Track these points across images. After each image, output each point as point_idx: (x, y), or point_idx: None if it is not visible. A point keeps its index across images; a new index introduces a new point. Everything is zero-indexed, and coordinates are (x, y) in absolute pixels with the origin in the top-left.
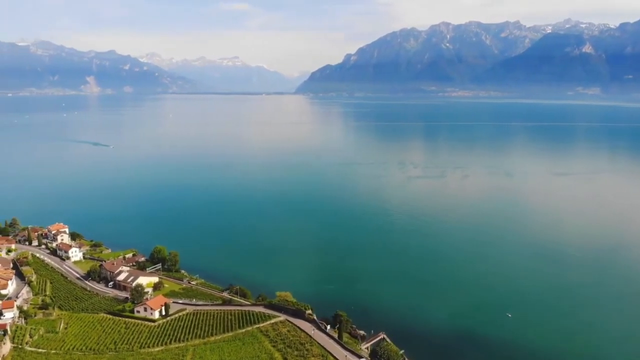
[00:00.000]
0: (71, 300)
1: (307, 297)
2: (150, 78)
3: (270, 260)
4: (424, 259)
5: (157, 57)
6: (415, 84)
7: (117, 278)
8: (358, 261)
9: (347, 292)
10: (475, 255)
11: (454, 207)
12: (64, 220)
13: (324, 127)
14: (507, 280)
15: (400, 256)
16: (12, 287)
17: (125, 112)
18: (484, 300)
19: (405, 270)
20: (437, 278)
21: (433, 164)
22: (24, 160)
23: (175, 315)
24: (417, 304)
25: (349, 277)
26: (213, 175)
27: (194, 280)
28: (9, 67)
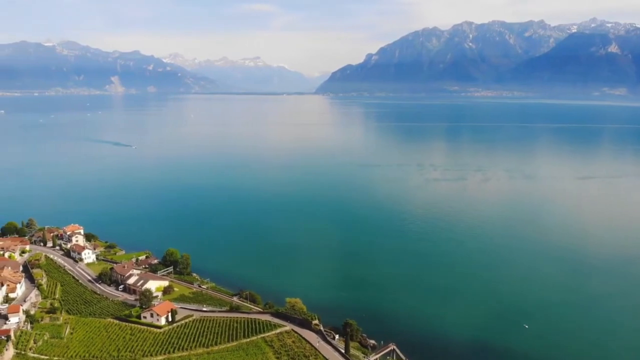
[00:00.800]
0: (80, 303)
1: (318, 304)
2: (174, 78)
3: (283, 264)
4: (440, 266)
5: (180, 58)
6: (437, 84)
7: (127, 281)
8: (372, 267)
9: (359, 299)
10: (493, 262)
11: (472, 212)
12: (80, 221)
13: (342, 128)
14: (525, 289)
15: (416, 262)
16: (20, 290)
17: (148, 112)
18: (500, 310)
19: (420, 276)
20: (453, 286)
21: (453, 166)
22: (45, 160)
23: (182, 321)
24: (431, 313)
25: (362, 283)
26: (230, 177)
27: (205, 284)
28: (35, 66)
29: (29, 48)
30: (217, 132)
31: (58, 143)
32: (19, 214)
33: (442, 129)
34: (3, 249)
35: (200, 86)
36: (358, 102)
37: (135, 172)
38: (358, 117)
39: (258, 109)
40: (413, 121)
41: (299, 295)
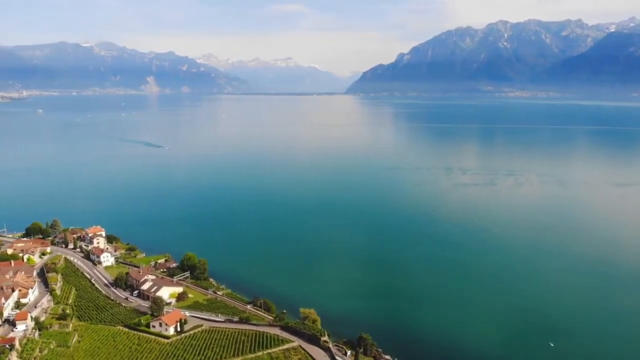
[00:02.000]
0: (92, 310)
1: (334, 314)
2: (207, 79)
3: (301, 271)
4: (465, 277)
5: (214, 59)
6: (470, 83)
7: (141, 287)
8: (394, 276)
9: (377, 311)
10: (521, 274)
11: (501, 219)
12: (104, 222)
13: (371, 129)
14: (553, 303)
15: (439, 272)
16: (33, 295)
17: (182, 112)
18: (526, 326)
19: (443, 288)
20: (478, 299)
21: (482, 170)
22: (76, 159)
23: (191, 331)
24: (452, 328)
25: (382, 293)
26: (255, 179)
27: (220, 290)
28: (73, 67)
29: (67, 48)
30: (246, 133)
31: (91, 143)
32: (45, 214)
33: (474, 131)
34: (23, 250)
35: (233, 87)
36: (389, 102)
37: (164, 173)
38: (387, 118)
39: (288, 109)
40: (444, 122)
41: (314, 304)
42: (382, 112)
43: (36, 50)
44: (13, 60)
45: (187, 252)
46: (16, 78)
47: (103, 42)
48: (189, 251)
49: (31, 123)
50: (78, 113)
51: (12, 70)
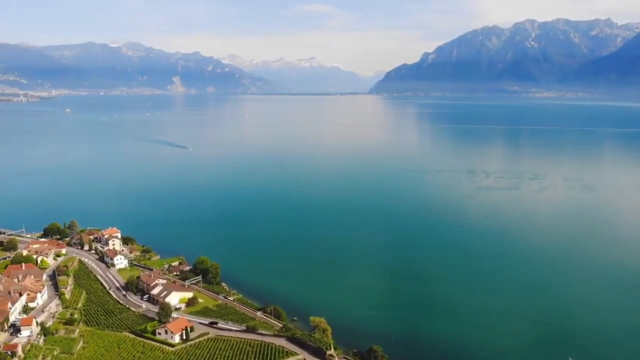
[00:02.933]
0: (101, 314)
1: (345, 323)
2: (232, 79)
3: (314, 277)
4: (483, 286)
5: (239, 59)
6: (496, 83)
7: (151, 291)
8: (409, 284)
9: (390, 320)
10: (543, 283)
11: (523, 226)
12: (121, 223)
13: (393, 129)
14: (575, 317)
15: (457, 281)
16: (41, 299)
17: (206, 112)
18: (544, 340)
19: (460, 298)
20: (497, 308)
21: (507, 173)
22: (98, 159)
23: (196, 340)
24: (467, 340)
25: (395, 302)
26: (273, 181)
27: (232, 295)
28: (101, 67)
29: (95, 49)
30: (268, 134)
31: (115, 143)
32: (64, 214)
33: (499, 132)
34: (38, 252)
35: (257, 87)
36: (412, 102)
37: (185, 174)
38: (410, 118)
39: (310, 109)
40: (469, 123)
41: (326, 311)
42: (405, 113)
43: (65, 51)
44: (43, 60)
45: (200, 256)
46: (46, 77)
47: (130, 43)
48: (204, 254)
49: (58, 122)
50: (105, 112)
51: (41, 70)
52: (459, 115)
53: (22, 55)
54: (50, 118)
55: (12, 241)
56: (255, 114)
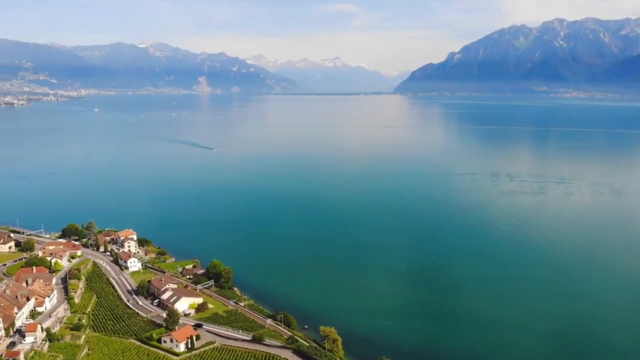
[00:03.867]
0: (109, 319)
1: (356, 334)
2: (256, 79)
3: (328, 284)
4: (504, 295)
5: (263, 59)
6: (524, 83)
7: (162, 296)
8: (426, 293)
9: (404, 331)
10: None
11: (548, 232)
12: (139, 225)
13: (417, 130)
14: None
15: (477, 290)
16: (50, 303)
17: (230, 112)
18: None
19: (479, 308)
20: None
21: (531, 177)
22: (121, 159)
23: (201, 349)
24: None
25: (411, 312)
26: (292, 183)
27: (243, 300)
28: (129, 67)
29: (124, 49)
30: (290, 135)
31: (140, 143)
32: (83, 214)
33: (526, 133)
34: (52, 254)
35: (281, 87)
36: (438, 102)
37: (208, 176)
38: (435, 119)
39: (332, 109)
40: (494, 124)
41: (338, 320)
42: (429, 113)
43: (94, 51)
44: (72, 60)
45: (213, 260)
46: (75, 77)
47: (158, 43)
48: (219, 257)
49: (86, 122)
50: (131, 112)
51: (71, 70)
52: (484, 116)
53: (53, 55)
54: (78, 117)
55: (29, 242)
56: (279, 114)
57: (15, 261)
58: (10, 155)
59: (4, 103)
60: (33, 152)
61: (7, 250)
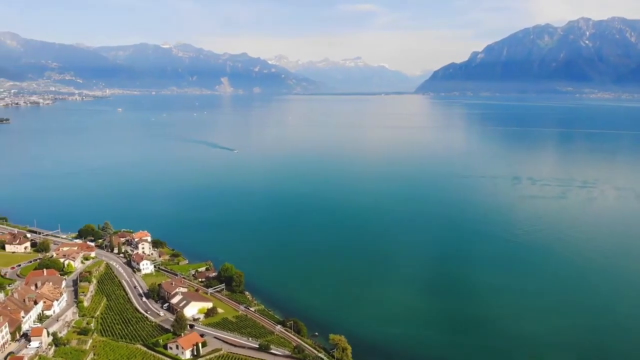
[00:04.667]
0: (117, 323)
1: (367, 342)
2: (277, 79)
3: (341, 289)
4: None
5: (285, 59)
6: (548, 84)
7: (171, 300)
8: (441, 301)
9: (416, 341)
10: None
11: (569, 238)
12: (154, 226)
13: (438, 131)
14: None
15: (494, 300)
16: (58, 307)
17: (250, 112)
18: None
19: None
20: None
21: (555, 180)
22: (141, 160)
23: (207, 356)
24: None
25: (425, 321)
26: (309, 186)
27: (254, 305)
28: (153, 67)
29: (148, 50)
30: (309, 136)
31: (160, 143)
32: (100, 215)
33: (549, 135)
34: (65, 255)
35: (302, 87)
36: (460, 103)
37: (228, 177)
38: (457, 120)
39: (353, 110)
40: (517, 125)
41: (348, 327)
42: (452, 113)
43: (119, 51)
44: (98, 61)
45: (225, 263)
46: (100, 77)
47: (181, 44)
48: (232, 260)
49: (109, 121)
50: (154, 112)
51: (96, 70)
52: (507, 117)
53: (79, 55)
54: (101, 117)
55: (45, 242)
56: (298, 115)
57: (30, 262)
58: (32, 154)
59: (30, 102)
60: (54, 151)
61: (23, 250)
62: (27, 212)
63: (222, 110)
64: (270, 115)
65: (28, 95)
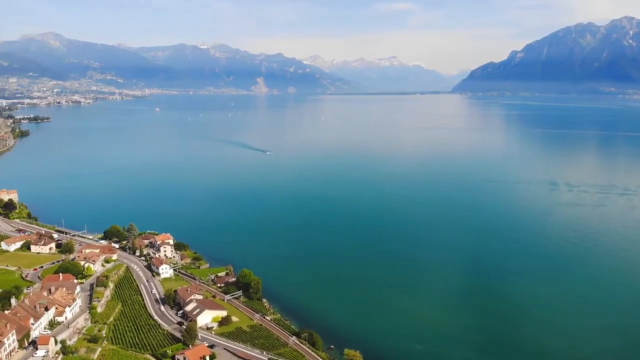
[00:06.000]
0: (129, 331)
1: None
2: (312, 79)
3: (363, 300)
4: (561, 322)
5: (320, 60)
6: (590, 84)
7: (186, 307)
8: (469, 318)
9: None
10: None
11: (611, 250)
12: (179, 229)
13: (474, 133)
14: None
15: (527, 317)
16: (71, 313)
17: (284, 113)
18: None
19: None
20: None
21: (594, 187)
22: (172, 161)
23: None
24: None
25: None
26: (336, 191)
27: (270, 314)
28: (191, 67)
29: (186, 50)
30: (341, 137)
31: (194, 144)
32: (127, 215)
33: (591, 138)
34: (86, 258)
35: (336, 87)
36: (498, 103)
37: (259, 180)
38: (494, 120)
39: (388, 109)
40: (556, 127)
41: (366, 341)
42: (488, 114)
43: (158, 52)
44: (138, 61)
45: (244, 269)
46: (140, 77)
47: (218, 44)
48: (252, 265)
49: (146, 121)
50: (191, 112)
51: (136, 70)
52: (546, 118)
53: (119, 55)
54: (139, 116)
55: (69, 244)
56: (331, 115)
57: (53, 263)
58: (67, 152)
59: (71, 102)
60: (89, 150)
61: (48, 251)
62: (57, 211)
63: (257, 110)
64: (303, 115)
65: (70, 94)
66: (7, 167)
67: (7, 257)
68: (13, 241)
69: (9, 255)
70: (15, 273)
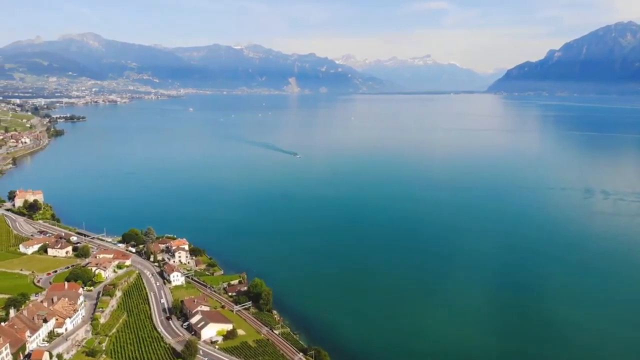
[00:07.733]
0: (130, 344)
1: None
2: (344, 79)
3: (378, 316)
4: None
5: (352, 59)
6: (631, 85)
7: (191, 319)
8: (496, 337)
9: None
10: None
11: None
12: (197, 233)
13: (508, 135)
14: None
15: (563, 338)
16: (72, 324)
17: (315, 113)
18: None
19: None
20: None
21: (632, 195)
22: (198, 163)
23: None
24: None
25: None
26: (368, 198)
27: (278, 328)
28: (225, 68)
29: (220, 50)
30: (370, 139)
31: (224, 145)
32: (147, 219)
33: (631, 142)
34: (98, 264)
35: (368, 86)
36: (535, 103)
37: (286, 184)
38: (530, 122)
39: (419, 109)
40: (595, 130)
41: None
42: (524, 115)
43: (193, 52)
44: (173, 61)
45: (255, 279)
46: (175, 77)
47: (252, 45)
48: (266, 274)
49: (179, 121)
50: (223, 112)
51: (172, 70)
52: (584, 120)
53: (156, 56)
54: (172, 116)
55: (84, 248)
56: (361, 115)
57: (67, 267)
58: (98, 152)
59: (108, 101)
60: (119, 150)
61: (64, 255)
62: (80, 212)
63: (287, 110)
64: (333, 115)
65: (107, 93)
66: (38, 166)
67: (23, 261)
68: (31, 244)
69: (25, 258)
70: (27, 278)
